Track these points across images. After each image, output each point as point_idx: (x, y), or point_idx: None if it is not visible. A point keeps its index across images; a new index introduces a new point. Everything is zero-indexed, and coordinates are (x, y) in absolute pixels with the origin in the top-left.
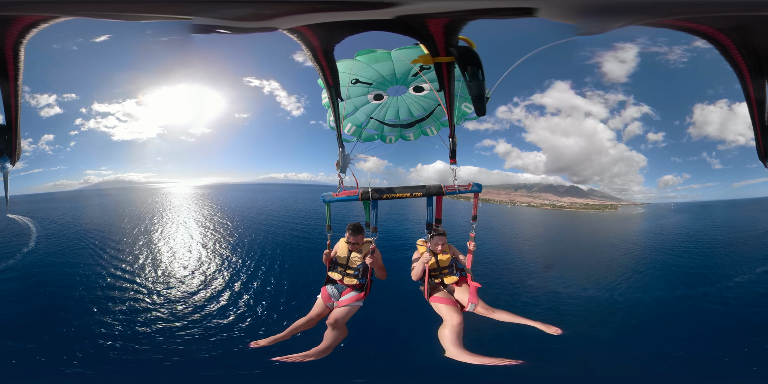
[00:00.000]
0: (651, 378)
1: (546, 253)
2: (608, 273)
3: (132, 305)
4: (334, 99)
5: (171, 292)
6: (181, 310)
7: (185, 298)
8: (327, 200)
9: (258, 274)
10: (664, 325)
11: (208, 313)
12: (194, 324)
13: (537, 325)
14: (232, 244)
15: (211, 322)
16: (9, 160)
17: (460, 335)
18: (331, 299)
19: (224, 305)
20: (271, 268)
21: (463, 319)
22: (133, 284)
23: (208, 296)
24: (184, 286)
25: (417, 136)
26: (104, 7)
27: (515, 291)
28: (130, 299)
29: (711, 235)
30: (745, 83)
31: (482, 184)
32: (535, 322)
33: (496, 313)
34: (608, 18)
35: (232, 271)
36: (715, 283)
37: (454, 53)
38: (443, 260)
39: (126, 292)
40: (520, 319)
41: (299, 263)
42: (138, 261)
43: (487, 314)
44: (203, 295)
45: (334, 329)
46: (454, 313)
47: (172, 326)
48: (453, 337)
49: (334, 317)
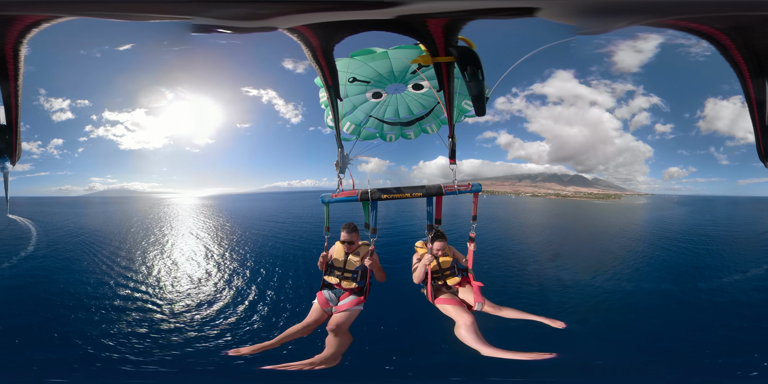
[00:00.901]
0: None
1: (544, 240)
2: (598, 262)
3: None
4: (333, 99)
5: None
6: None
7: (214, 310)
8: (326, 201)
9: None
10: (634, 316)
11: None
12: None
13: (542, 320)
14: (250, 253)
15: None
16: (9, 160)
17: (479, 333)
18: (328, 304)
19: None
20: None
21: (474, 318)
22: (147, 296)
23: (244, 309)
24: (207, 298)
25: (417, 134)
26: (104, 7)
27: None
28: (142, 310)
29: (709, 230)
30: (746, 83)
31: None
32: (540, 317)
33: (503, 311)
34: (609, 18)
35: (260, 283)
36: (697, 281)
37: (454, 53)
38: (444, 262)
39: (138, 302)
40: (526, 314)
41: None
42: (154, 272)
43: (494, 312)
44: (240, 309)
45: (337, 335)
46: (464, 312)
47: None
48: (475, 336)
49: (335, 322)
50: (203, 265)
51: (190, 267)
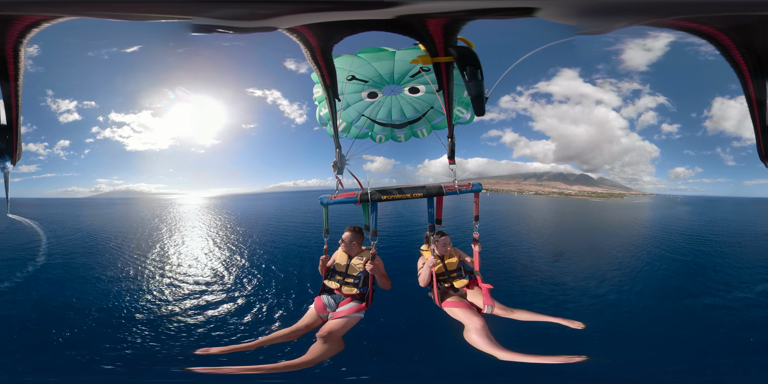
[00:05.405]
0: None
1: (531, 233)
2: (583, 257)
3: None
4: (331, 99)
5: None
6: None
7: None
8: (324, 203)
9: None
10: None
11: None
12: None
13: (559, 321)
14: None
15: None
16: (9, 160)
17: (492, 337)
18: (326, 310)
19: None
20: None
21: (485, 321)
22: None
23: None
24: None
25: (408, 137)
26: (104, 7)
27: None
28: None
29: (705, 231)
30: (746, 83)
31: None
32: (556, 318)
33: (515, 313)
34: (609, 18)
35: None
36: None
37: (453, 53)
38: (450, 263)
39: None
40: (541, 316)
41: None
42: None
43: (505, 315)
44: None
45: (325, 343)
46: (473, 316)
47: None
48: (487, 340)
49: (327, 329)
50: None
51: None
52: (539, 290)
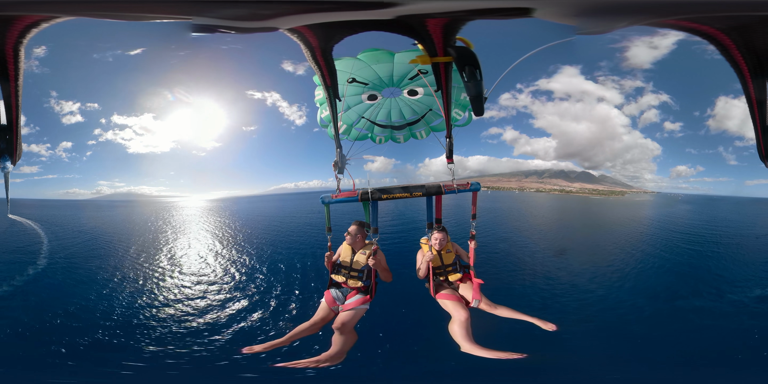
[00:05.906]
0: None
1: (531, 230)
2: (582, 254)
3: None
4: (332, 99)
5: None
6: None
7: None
8: (326, 202)
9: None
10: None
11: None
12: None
13: (534, 321)
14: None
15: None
16: (9, 160)
17: (469, 330)
18: (335, 303)
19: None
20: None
21: (469, 315)
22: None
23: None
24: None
25: (407, 138)
26: (104, 7)
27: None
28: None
29: (702, 230)
30: (746, 83)
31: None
32: (532, 317)
33: (498, 309)
34: (609, 18)
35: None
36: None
37: (452, 53)
38: (447, 258)
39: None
40: (519, 314)
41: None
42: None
43: (489, 310)
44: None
45: (342, 333)
46: (460, 309)
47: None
48: (463, 332)
49: (340, 321)
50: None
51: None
52: (534, 284)
